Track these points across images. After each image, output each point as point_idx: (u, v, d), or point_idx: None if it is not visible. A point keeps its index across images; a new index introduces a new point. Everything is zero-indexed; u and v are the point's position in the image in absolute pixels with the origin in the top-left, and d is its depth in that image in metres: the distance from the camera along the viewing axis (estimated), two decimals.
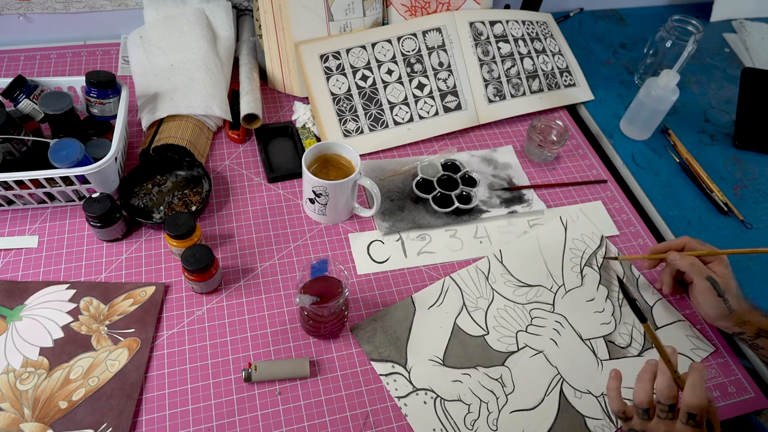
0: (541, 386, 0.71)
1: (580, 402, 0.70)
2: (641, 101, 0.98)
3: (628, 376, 0.66)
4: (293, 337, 0.73)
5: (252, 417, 0.66)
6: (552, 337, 0.75)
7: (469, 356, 0.73)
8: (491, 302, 0.78)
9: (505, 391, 0.70)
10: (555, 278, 0.81)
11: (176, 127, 0.87)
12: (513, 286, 0.80)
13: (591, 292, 0.81)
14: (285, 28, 0.96)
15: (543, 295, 0.79)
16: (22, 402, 0.64)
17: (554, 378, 0.72)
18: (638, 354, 0.75)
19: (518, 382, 0.71)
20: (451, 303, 0.77)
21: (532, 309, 0.78)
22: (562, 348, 0.75)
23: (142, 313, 0.73)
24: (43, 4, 1.01)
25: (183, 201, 0.84)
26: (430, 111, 0.99)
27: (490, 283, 0.80)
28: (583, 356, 0.74)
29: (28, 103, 0.80)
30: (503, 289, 0.79)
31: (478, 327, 0.75)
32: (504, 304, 0.78)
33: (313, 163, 0.83)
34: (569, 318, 0.78)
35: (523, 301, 0.79)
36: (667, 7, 1.35)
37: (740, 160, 1.02)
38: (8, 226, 0.80)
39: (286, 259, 0.81)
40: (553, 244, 0.85)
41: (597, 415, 0.70)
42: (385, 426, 0.67)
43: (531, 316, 0.77)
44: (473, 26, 1.03)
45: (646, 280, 0.83)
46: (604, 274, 0.83)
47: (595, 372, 0.73)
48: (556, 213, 0.90)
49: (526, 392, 0.71)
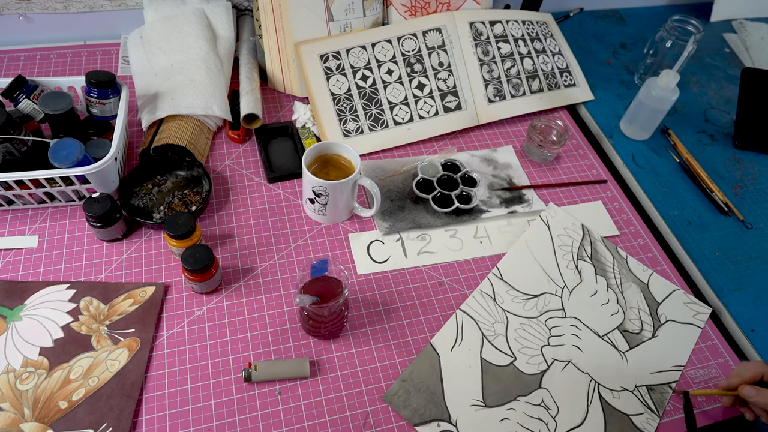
0: (581, 398, 0.71)
1: (621, 402, 0.71)
2: (641, 101, 0.98)
3: (651, 361, 0.73)
4: (293, 337, 0.73)
5: (252, 417, 0.66)
6: (574, 343, 0.75)
7: (506, 389, 0.71)
8: (507, 324, 0.77)
9: (551, 414, 0.69)
10: (556, 281, 0.81)
11: (176, 127, 0.87)
12: (521, 300, 0.79)
13: (592, 285, 0.81)
14: (285, 28, 0.96)
15: (551, 302, 0.79)
16: (22, 402, 0.64)
17: (590, 384, 0.72)
18: (652, 335, 0.76)
19: (560, 401, 0.70)
20: (471, 338, 0.75)
21: (546, 320, 0.77)
22: (587, 351, 0.75)
23: (142, 313, 0.73)
24: (43, 4, 1.01)
25: (183, 201, 0.84)
26: (430, 111, 0.99)
27: (499, 304, 0.78)
28: (607, 354, 0.75)
29: (28, 103, 0.80)
30: (513, 307, 0.78)
31: (504, 355, 0.74)
32: (520, 323, 0.77)
33: (313, 163, 0.83)
34: (582, 318, 0.78)
35: (536, 314, 0.78)
36: (667, 7, 1.35)
37: (740, 160, 1.02)
38: (8, 226, 0.80)
39: (286, 259, 0.81)
40: (542, 245, 0.85)
41: (638, 410, 0.70)
42: (385, 426, 0.67)
43: (548, 327, 0.77)
44: (473, 26, 1.03)
45: (635, 260, 0.85)
46: (596, 264, 0.83)
47: (622, 366, 0.74)
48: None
49: (570, 409, 0.70)
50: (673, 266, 0.86)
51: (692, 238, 0.89)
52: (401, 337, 0.74)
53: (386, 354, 0.73)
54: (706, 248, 0.88)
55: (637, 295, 0.81)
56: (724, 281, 0.84)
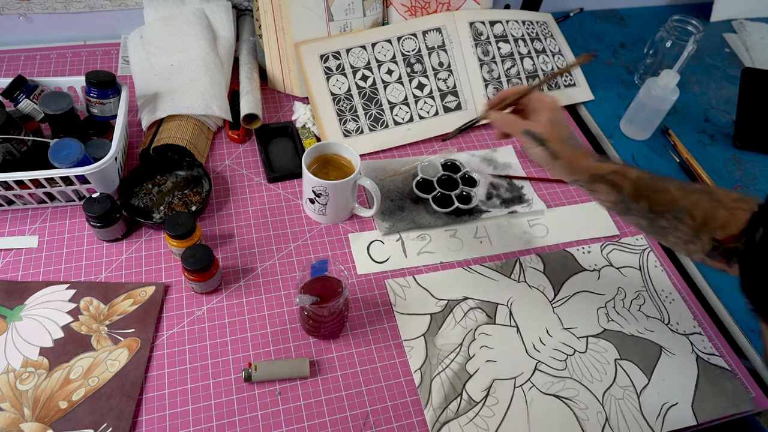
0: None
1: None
2: (641, 101, 0.98)
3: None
4: (293, 337, 0.73)
5: (252, 417, 0.66)
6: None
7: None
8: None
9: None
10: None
11: (176, 127, 0.87)
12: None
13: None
14: (285, 28, 0.96)
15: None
16: (22, 402, 0.64)
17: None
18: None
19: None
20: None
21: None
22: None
23: (142, 313, 0.73)
24: (43, 4, 1.01)
25: (183, 201, 0.84)
26: (430, 111, 0.99)
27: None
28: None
29: (28, 103, 0.80)
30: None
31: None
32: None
33: (313, 163, 0.83)
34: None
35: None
36: (667, 7, 1.35)
37: (740, 160, 1.02)
38: (8, 226, 0.80)
39: (286, 259, 0.81)
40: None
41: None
42: (385, 426, 0.67)
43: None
44: (473, 26, 1.03)
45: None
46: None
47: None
48: (557, 213, 0.90)
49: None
50: (673, 266, 0.86)
51: None
52: (401, 337, 0.74)
53: (386, 354, 0.73)
54: None
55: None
56: (724, 281, 0.84)
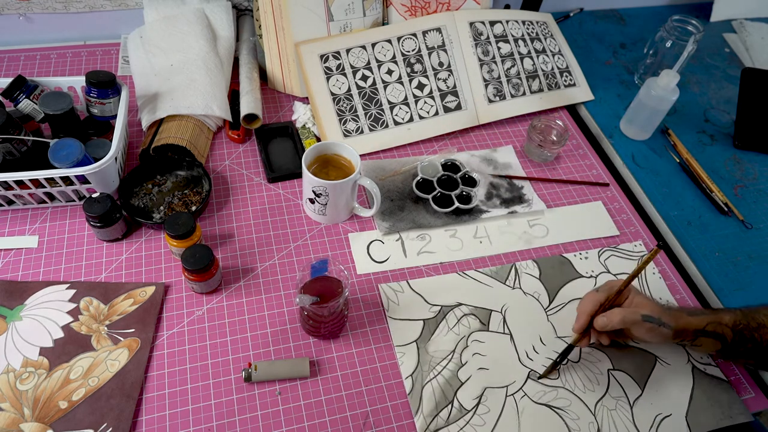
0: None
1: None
2: (641, 101, 0.98)
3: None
4: (293, 337, 0.73)
5: (252, 417, 0.66)
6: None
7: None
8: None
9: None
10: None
11: (176, 127, 0.87)
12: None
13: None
14: (285, 28, 0.96)
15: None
16: (22, 402, 0.64)
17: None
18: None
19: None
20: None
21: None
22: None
23: (142, 313, 0.73)
24: (43, 4, 1.01)
25: (183, 201, 0.84)
26: (430, 111, 0.99)
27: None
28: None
29: (28, 103, 0.80)
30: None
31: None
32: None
33: (313, 163, 0.83)
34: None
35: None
36: (667, 7, 1.35)
37: (740, 160, 1.02)
38: (8, 226, 0.80)
39: (286, 259, 0.81)
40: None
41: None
42: (385, 426, 0.67)
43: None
44: (473, 26, 1.03)
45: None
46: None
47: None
48: (557, 213, 0.90)
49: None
50: (673, 266, 0.86)
51: (692, 239, 0.89)
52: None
53: (386, 354, 0.73)
54: (706, 248, 0.88)
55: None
56: (724, 281, 0.84)
